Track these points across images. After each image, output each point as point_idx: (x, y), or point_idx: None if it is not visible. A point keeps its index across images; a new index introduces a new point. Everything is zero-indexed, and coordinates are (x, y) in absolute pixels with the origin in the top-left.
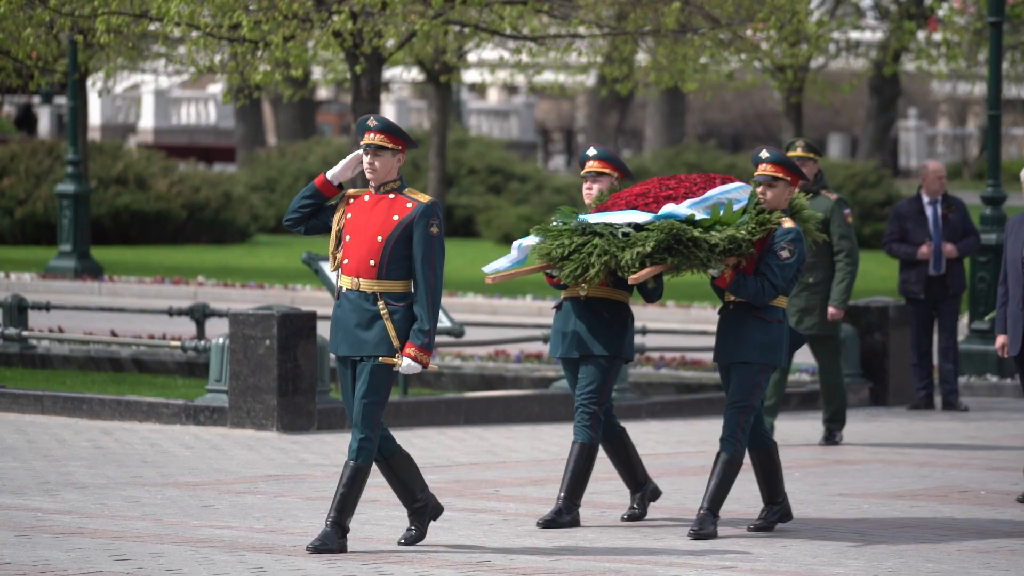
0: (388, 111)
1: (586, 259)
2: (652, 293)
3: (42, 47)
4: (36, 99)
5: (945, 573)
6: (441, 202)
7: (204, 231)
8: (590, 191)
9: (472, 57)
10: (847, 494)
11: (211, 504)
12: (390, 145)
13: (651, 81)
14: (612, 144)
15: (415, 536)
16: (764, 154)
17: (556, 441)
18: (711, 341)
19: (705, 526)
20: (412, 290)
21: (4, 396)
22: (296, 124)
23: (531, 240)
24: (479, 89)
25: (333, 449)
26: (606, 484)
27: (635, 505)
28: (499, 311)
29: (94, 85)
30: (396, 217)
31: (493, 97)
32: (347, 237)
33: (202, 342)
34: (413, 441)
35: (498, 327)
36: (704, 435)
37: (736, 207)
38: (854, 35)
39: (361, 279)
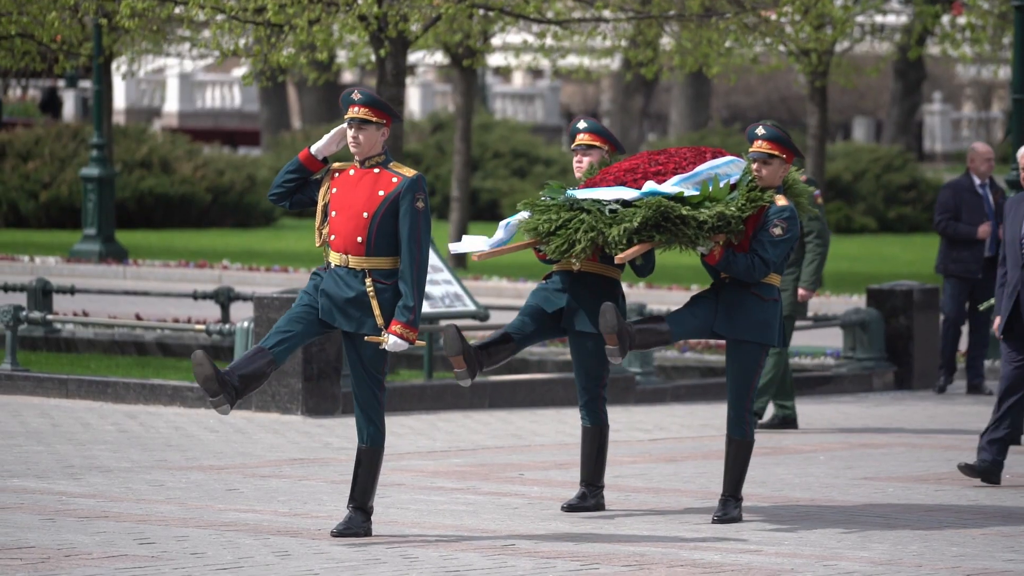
0: (413, 94)
1: (573, 235)
2: (642, 269)
3: (66, 31)
4: (61, 83)
5: (970, 557)
6: (466, 186)
7: (228, 215)
8: (580, 164)
9: (496, 41)
10: (872, 478)
11: (236, 488)
12: (374, 119)
13: (676, 65)
14: (638, 127)
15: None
16: (760, 130)
17: (580, 424)
18: None
19: (728, 510)
20: None
21: (29, 380)
22: (321, 107)
23: (519, 216)
24: (504, 73)
25: (356, 432)
26: (631, 468)
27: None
28: (524, 295)
29: (118, 69)
30: (382, 192)
31: (518, 81)
32: (333, 213)
33: (227, 326)
34: (438, 425)
35: None
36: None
37: (728, 181)
38: (879, 18)
39: (350, 255)
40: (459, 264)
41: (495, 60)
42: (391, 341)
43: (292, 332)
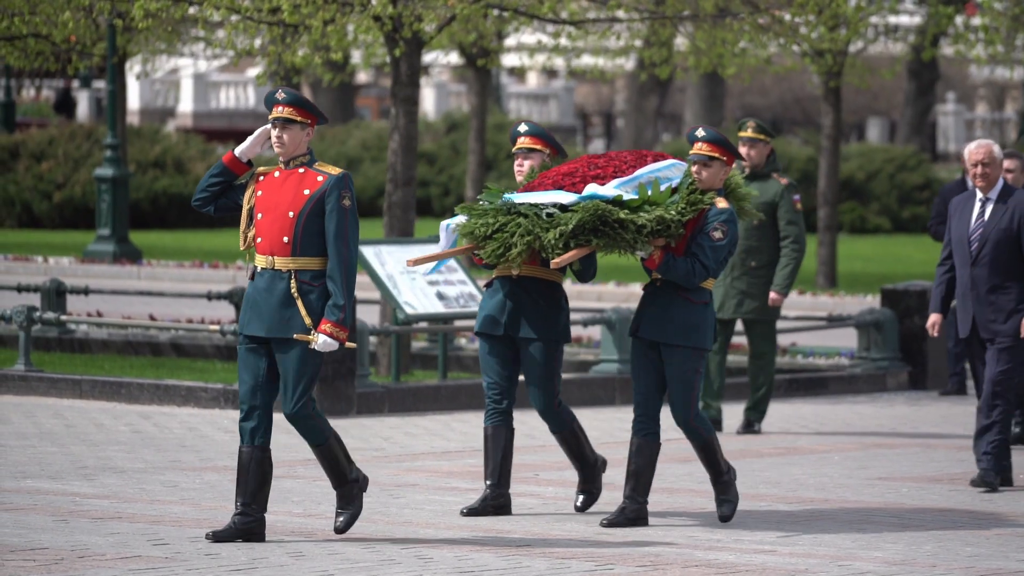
0: (428, 95)
1: (509, 239)
2: (583, 274)
3: (80, 31)
4: (75, 83)
5: (984, 557)
6: (481, 186)
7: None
8: (521, 168)
9: (511, 41)
10: (886, 478)
11: None
12: (299, 118)
13: (690, 65)
14: (652, 128)
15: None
16: (700, 133)
17: (596, 425)
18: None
19: (731, 498)
20: None
21: (43, 380)
22: (335, 108)
23: (457, 220)
24: (518, 73)
25: (372, 433)
26: None
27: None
28: None
29: (132, 69)
30: (307, 191)
31: (532, 81)
32: (259, 215)
33: None
34: (453, 425)
35: None
36: (737, 419)
37: (668, 184)
38: (892, 19)
39: (275, 257)
40: (474, 264)
41: (510, 60)
42: (320, 340)
43: (256, 405)
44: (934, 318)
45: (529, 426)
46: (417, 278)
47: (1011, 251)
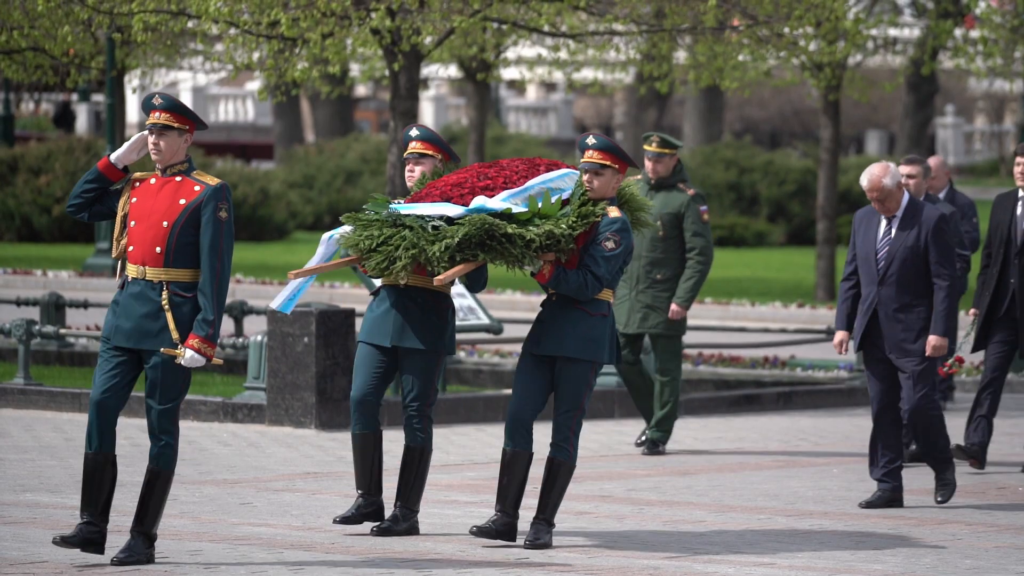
0: (426, 108)
1: (393, 251)
2: (473, 285)
3: (79, 44)
4: (74, 96)
5: (983, 570)
6: None
7: (242, 228)
8: (412, 173)
9: (510, 54)
10: None
11: (249, 502)
12: (176, 125)
13: (690, 80)
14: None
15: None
16: (590, 140)
17: (594, 438)
18: (749, 338)
19: (541, 535)
20: None
21: (42, 394)
22: (334, 121)
23: (341, 230)
24: (518, 86)
25: None
26: (644, 481)
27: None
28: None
29: (131, 82)
30: (183, 201)
31: (531, 94)
32: (132, 223)
33: (240, 339)
34: (451, 438)
35: None
36: (743, 432)
37: (560, 196)
38: (891, 32)
39: (147, 267)
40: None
41: (509, 74)
42: (188, 355)
43: (110, 421)
44: (840, 336)
45: None
46: None
47: (918, 269)
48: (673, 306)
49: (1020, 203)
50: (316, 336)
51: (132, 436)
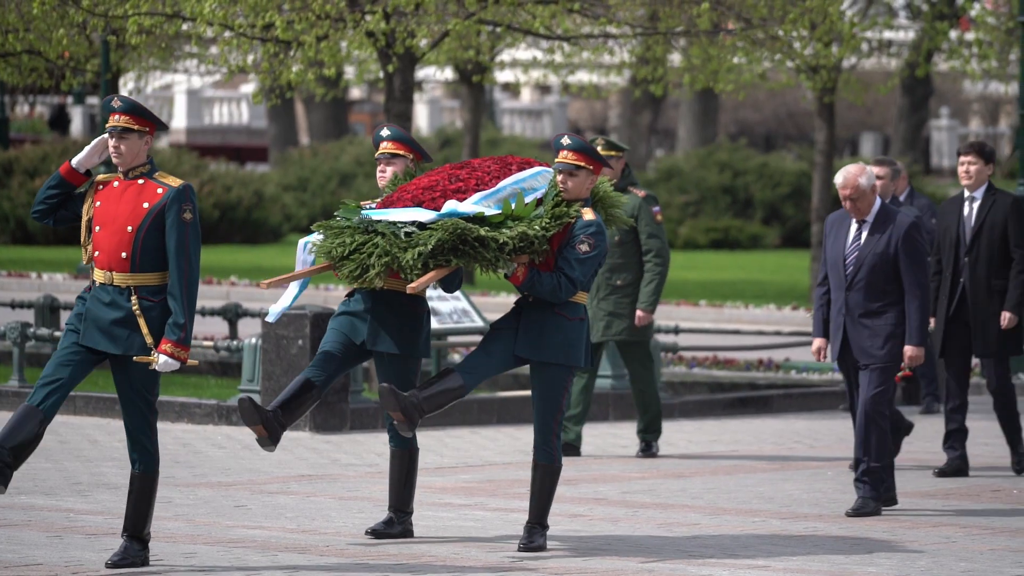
0: (421, 111)
1: (366, 259)
2: (448, 287)
3: (74, 47)
4: (68, 99)
5: (978, 572)
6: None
7: (236, 231)
8: (383, 174)
9: (505, 57)
10: None
11: (244, 504)
12: (136, 127)
13: (684, 82)
14: (646, 143)
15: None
16: (565, 141)
17: (590, 440)
18: (744, 340)
19: (535, 538)
20: None
21: None
22: (329, 124)
23: (315, 237)
24: (512, 89)
25: (366, 449)
26: (639, 483)
27: (388, 522)
28: None
29: (126, 85)
30: (146, 204)
31: (526, 97)
32: (96, 228)
33: (235, 342)
34: (446, 441)
35: None
36: (737, 434)
37: (533, 196)
38: (886, 34)
39: (114, 272)
40: (467, 279)
41: (504, 76)
42: (161, 361)
43: (60, 380)
44: (818, 343)
45: (523, 442)
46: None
47: (887, 276)
48: (638, 312)
49: (967, 204)
50: (311, 339)
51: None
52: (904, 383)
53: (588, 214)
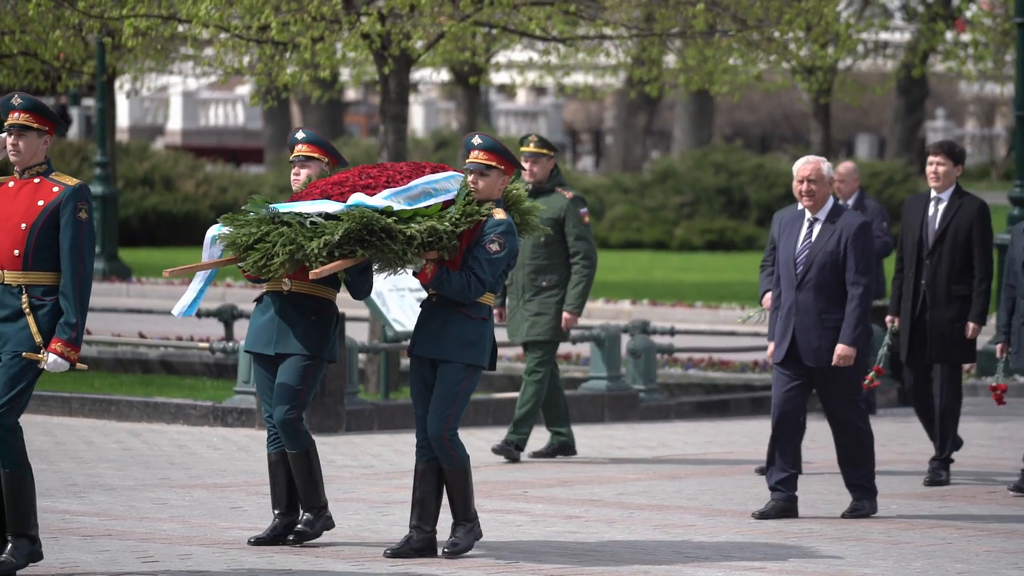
0: (416, 112)
1: (271, 248)
2: (356, 288)
3: (70, 49)
4: (63, 101)
5: (973, 574)
6: None
7: None
8: (298, 177)
9: (501, 58)
10: None
11: (239, 506)
12: (36, 125)
13: (680, 83)
14: (641, 145)
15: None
16: (476, 140)
17: (585, 443)
18: (740, 342)
19: (459, 539)
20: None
21: (32, 398)
22: (324, 125)
23: (222, 229)
24: (508, 90)
25: (361, 450)
26: (635, 485)
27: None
28: None
29: (122, 87)
30: (41, 202)
31: (521, 98)
32: None
33: (230, 343)
34: None
35: None
36: (732, 436)
37: (444, 198)
38: (882, 36)
39: (5, 271)
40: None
41: (499, 78)
42: (51, 360)
43: None
44: (772, 346)
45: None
46: (406, 295)
47: (837, 276)
48: (565, 314)
49: (932, 204)
50: None
51: (122, 440)
52: (872, 392)
53: (499, 214)
